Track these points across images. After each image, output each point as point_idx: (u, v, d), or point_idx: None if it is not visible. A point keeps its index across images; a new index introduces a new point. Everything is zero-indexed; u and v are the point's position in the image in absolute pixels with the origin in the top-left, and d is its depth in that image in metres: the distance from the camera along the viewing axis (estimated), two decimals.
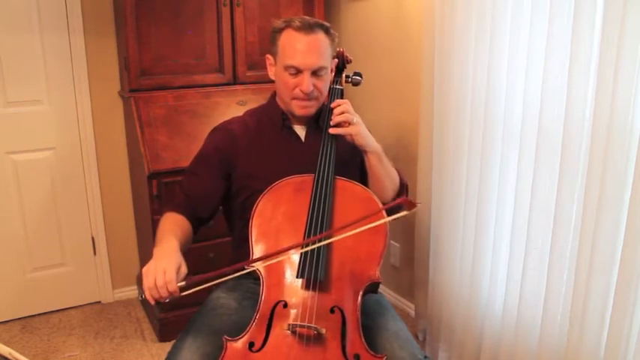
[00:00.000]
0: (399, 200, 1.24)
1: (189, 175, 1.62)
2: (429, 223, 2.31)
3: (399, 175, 1.60)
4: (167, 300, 1.27)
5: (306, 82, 1.46)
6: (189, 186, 1.60)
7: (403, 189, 1.60)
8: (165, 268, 1.24)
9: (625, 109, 1.47)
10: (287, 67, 1.48)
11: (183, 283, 1.27)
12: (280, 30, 1.50)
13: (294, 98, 1.50)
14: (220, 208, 1.67)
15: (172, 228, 1.46)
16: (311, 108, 1.52)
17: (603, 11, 1.50)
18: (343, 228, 1.27)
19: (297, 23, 1.47)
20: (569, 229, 1.69)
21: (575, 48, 1.59)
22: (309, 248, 1.31)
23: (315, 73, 1.47)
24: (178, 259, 1.29)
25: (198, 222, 1.57)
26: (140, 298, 1.29)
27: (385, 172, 1.52)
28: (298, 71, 1.47)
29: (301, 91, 1.47)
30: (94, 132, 2.74)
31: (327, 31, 1.50)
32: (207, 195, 1.57)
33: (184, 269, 1.28)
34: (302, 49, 1.45)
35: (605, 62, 1.50)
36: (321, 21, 1.52)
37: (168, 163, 2.36)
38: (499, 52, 1.87)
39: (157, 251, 1.33)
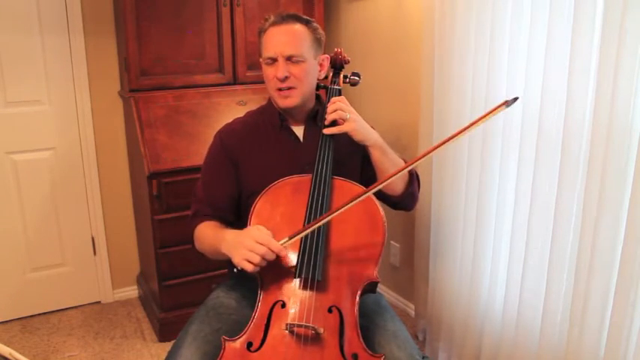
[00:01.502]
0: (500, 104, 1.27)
1: (206, 186, 1.59)
2: (429, 223, 2.31)
3: None
4: (264, 263, 1.26)
5: (280, 68, 1.46)
6: (210, 195, 1.56)
7: (413, 179, 1.59)
8: (253, 237, 1.26)
9: (625, 109, 1.47)
10: (265, 61, 1.50)
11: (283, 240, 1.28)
12: (264, 31, 1.51)
13: (275, 90, 1.51)
14: None
15: (217, 228, 1.48)
16: (292, 98, 1.51)
17: (603, 11, 1.50)
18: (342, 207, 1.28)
19: (272, 19, 1.49)
20: (569, 229, 1.69)
21: (575, 48, 1.59)
22: (308, 231, 1.31)
23: (290, 60, 1.47)
24: (248, 228, 1.32)
25: (228, 226, 1.56)
26: (235, 270, 1.30)
27: (391, 165, 1.51)
28: (274, 60, 1.48)
29: (277, 78, 1.47)
30: (94, 132, 2.75)
31: (306, 22, 1.51)
32: (229, 197, 1.56)
33: None
34: (275, 40, 1.47)
35: (605, 62, 1.50)
36: (299, 14, 1.53)
37: (168, 163, 2.36)
38: (499, 52, 1.87)
39: (229, 245, 1.33)
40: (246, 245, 1.26)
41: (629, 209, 1.50)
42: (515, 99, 1.27)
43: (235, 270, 1.29)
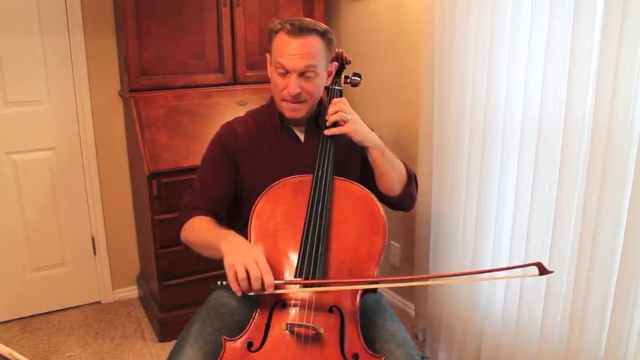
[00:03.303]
0: (533, 263, 1.18)
1: (203, 181, 1.59)
2: (429, 223, 2.31)
3: (405, 166, 1.61)
4: (253, 294, 1.23)
5: (292, 85, 1.45)
6: (206, 190, 1.57)
7: (411, 180, 1.60)
8: (257, 258, 1.22)
9: (625, 109, 1.47)
10: (276, 65, 1.48)
11: (278, 280, 1.26)
12: (276, 31, 1.49)
13: (283, 100, 1.50)
14: None
15: (217, 225, 1.47)
16: (300, 111, 1.51)
17: (603, 11, 1.50)
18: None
19: (289, 27, 1.45)
20: (569, 229, 1.69)
21: (575, 48, 1.59)
22: (316, 289, 1.31)
23: (303, 75, 1.46)
24: (259, 248, 1.29)
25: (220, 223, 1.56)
26: (220, 284, 1.26)
27: (390, 166, 1.52)
28: (286, 72, 1.46)
29: (288, 93, 1.47)
30: (94, 132, 2.75)
31: (322, 34, 1.48)
32: (225, 193, 1.57)
33: None
34: (291, 52, 1.44)
35: (605, 62, 1.50)
36: (316, 24, 1.49)
37: (168, 163, 2.36)
38: (499, 52, 1.87)
39: (230, 243, 1.29)
40: (246, 256, 1.24)
41: (629, 209, 1.50)
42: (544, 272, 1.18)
43: (219, 283, 1.28)
